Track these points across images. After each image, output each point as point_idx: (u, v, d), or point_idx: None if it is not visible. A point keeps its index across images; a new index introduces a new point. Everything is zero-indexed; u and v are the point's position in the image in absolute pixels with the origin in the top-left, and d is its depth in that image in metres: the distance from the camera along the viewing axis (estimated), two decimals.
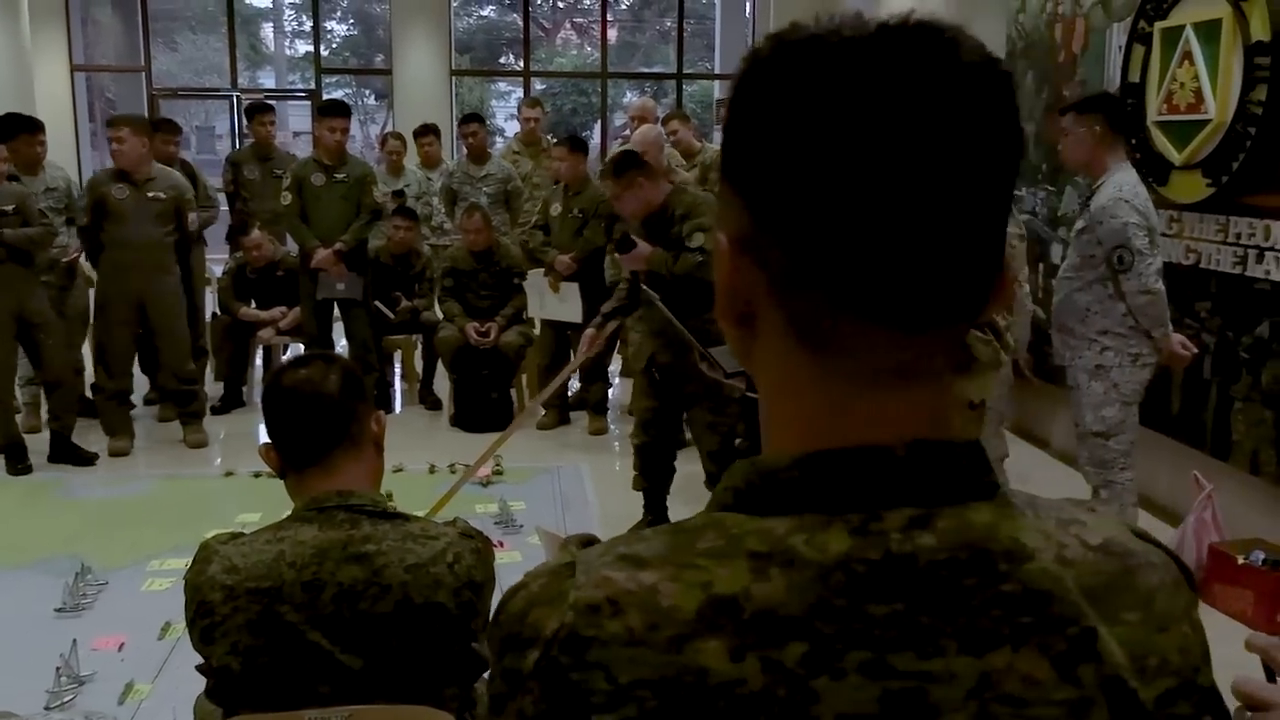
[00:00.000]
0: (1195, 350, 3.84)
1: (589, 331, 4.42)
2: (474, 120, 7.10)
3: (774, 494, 0.58)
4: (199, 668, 1.72)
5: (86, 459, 5.36)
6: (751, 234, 0.60)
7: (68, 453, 5.35)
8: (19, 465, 5.21)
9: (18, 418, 5.84)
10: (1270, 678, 0.93)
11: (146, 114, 11.30)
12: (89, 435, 5.52)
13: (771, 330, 0.61)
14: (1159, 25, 4.45)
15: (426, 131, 7.58)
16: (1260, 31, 3.89)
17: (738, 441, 4.37)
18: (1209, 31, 4.13)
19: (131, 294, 5.43)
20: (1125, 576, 0.59)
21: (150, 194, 5.46)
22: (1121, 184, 3.60)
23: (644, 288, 3.30)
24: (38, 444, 5.39)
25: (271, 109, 7.14)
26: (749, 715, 0.53)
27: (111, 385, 5.53)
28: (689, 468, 4.72)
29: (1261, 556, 3.65)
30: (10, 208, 5.08)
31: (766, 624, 0.54)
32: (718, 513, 0.59)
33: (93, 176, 5.57)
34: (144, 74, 12.20)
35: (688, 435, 4.60)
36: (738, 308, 0.62)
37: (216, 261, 7.34)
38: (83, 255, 5.74)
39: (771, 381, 0.63)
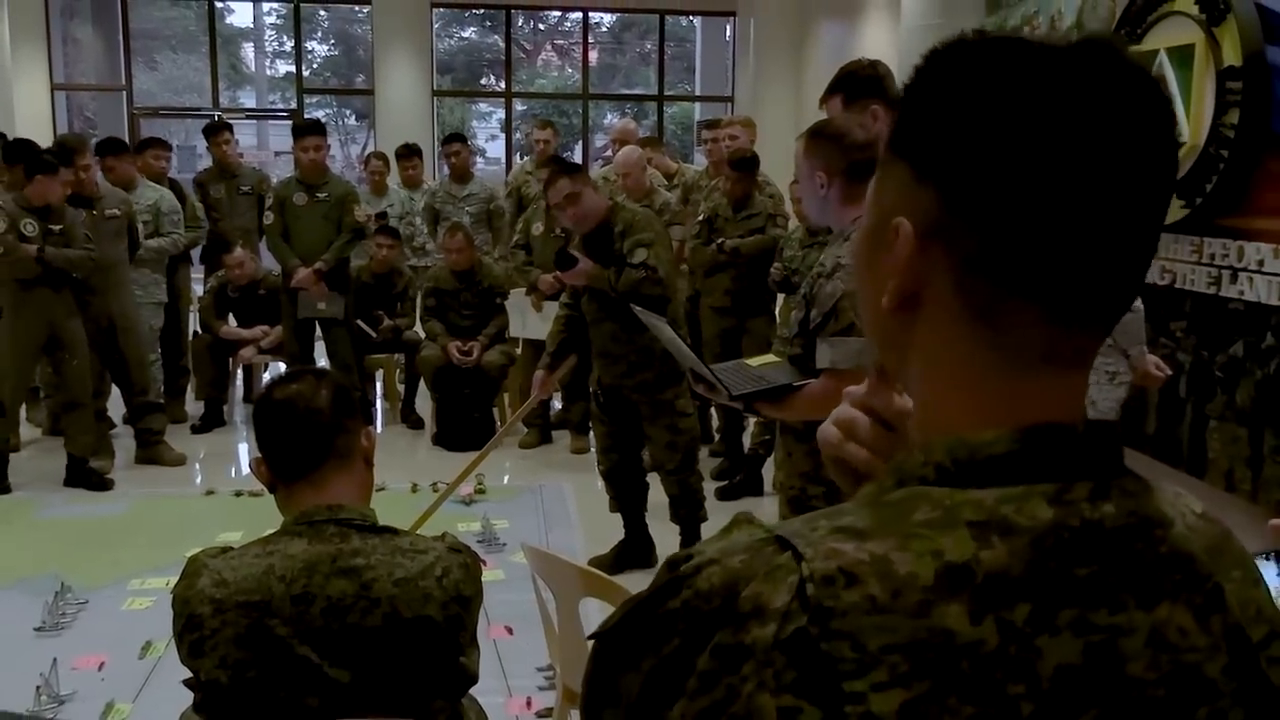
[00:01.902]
0: (1169, 372, 3.89)
1: (539, 374, 4.37)
2: (457, 140, 7.13)
3: (975, 468, 0.62)
4: (186, 682, 1.73)
5: (102, 484, 5.29)
6: (940, 219, 0.64)
7: (83, 477, 5.29)
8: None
9: None
10: None
11: (127, 133, 11.30)
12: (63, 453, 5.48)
13: (943, 314, 0.66)
14: (1133, 49, 4.53)
15: (410, 154, 7.60)
16: (1232, 57, 3.97)
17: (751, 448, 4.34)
18: (1182, 56, 4.21)
19: (100, 315, 5.42)
20: (1225, 539, 0.68)
21: (107, 212, 5.48)
22: None
23: (638, 309, 3.30)
24: (18, 462, 5.36)
25: (229, 128, 7.14)
26: (988, 672, 0.56)
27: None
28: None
29: None
30: (58, 228, 5.11)
31: (998, 587, 0.58)
32: (919, 487, 0.63)
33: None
34: (125, 93, 12.19)
35: None
36: (906, 291, 0.66)
37: (195, 281, 7.33)
38: None
39: (937, 364, 0.67)
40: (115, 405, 5.91)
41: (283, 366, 6.43)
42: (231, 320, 6.54)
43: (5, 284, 5.08)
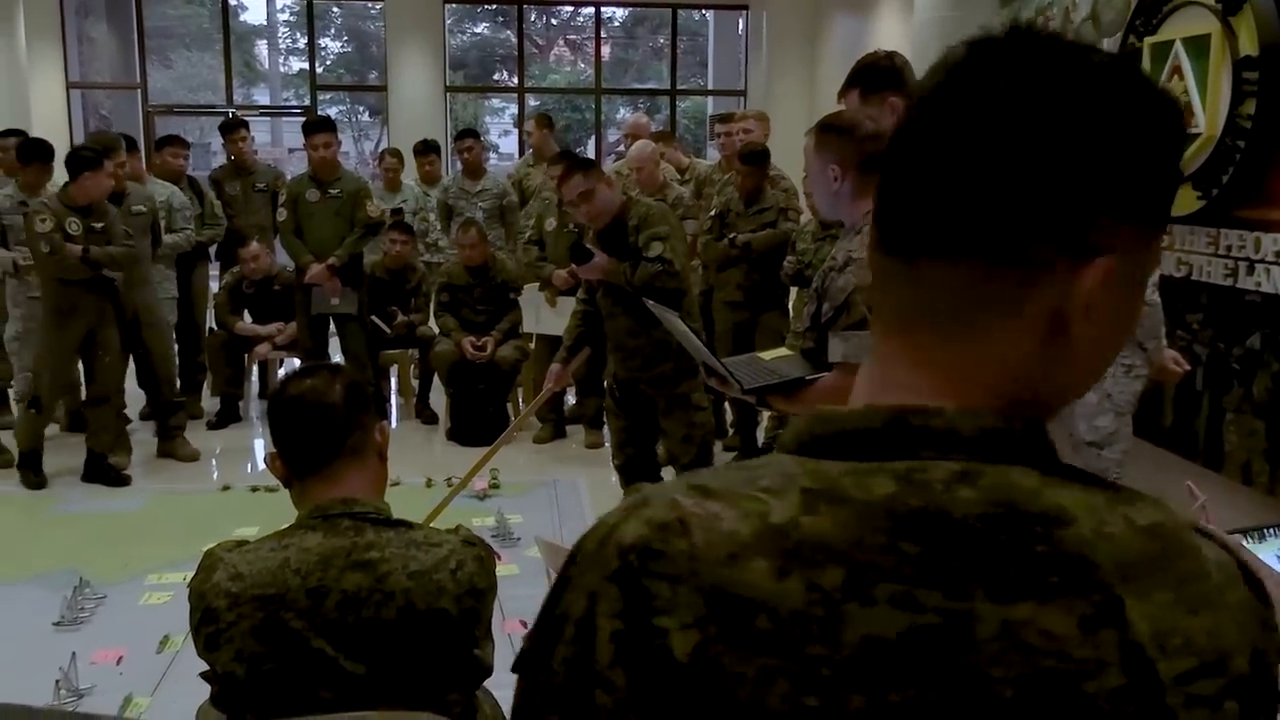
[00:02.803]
0: (1188, 366, 3.86)
1: (554, 367, 4.39)
2: (469, 136, 7.14)
3: (831, 442, 0.65)
4: (203, 675, 1.74)
5: (120, 480, 5.35)
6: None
7: (102, 473, 5.34)
8: (36, 478, 5.25)
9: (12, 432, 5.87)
10: None
11: (142, 131, 11.35)
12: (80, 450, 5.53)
13: None
14: (1149, 40, 4.51)
15: (428, 150, 7.62)
16: (1249, 46, 3.94)
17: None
18: (1198, 47, 4.18)
19: (126, 309, 5.46)
20: (1163, 559, 0.62)
21: (133, 209, 5.53)
22: None
23: (650, 302, 3.29)
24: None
25: (244, 125, 7.16)
26: (787, 630, 0.59)
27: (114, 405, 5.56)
28: None
29: None
30: (99, 226, 5.18)
31: (811, 551, 0.60)
32: (779, 454, 0.67)
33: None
34: (139, 91, 12.24)
35: None
36: None
37: (212, 278, 7.36)
38: None
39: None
40: (132, 401, 5.94)
41: (297, 363, 6.46)
42: (246, 317, 6.57)
43: (49, 283, 5.12)
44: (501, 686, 2.12)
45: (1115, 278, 0.65)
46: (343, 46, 21.26)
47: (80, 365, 5.41)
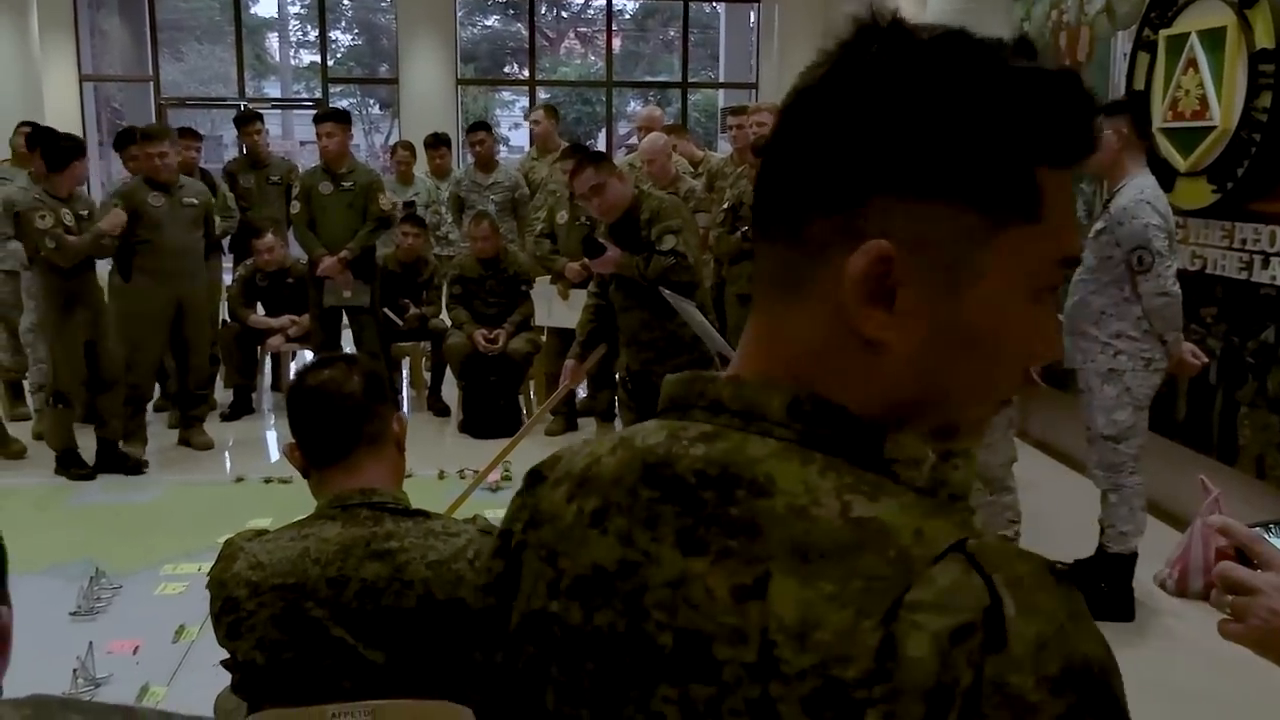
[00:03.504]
0: (1205, 360, 3.85)
1: (569, 363, 4.40)
2: (481, 129, 7.15)
3: (670, 401, 0.71)
4: (223, 663, 1.75)
5: (136, 468, 5.40)
6: None
7: (116, 461, 5.39)
8: (81, 470, 5.30)
9: (29, 424, 5.91)
10: (1248, 566, 1.00)
11: (155, 123, 11.37)
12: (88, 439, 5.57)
13: None
14: (1164, 33, 4.49)
15: (438, 143, 7.62)
16: (1265, 39, 3.92)
17: None
18: (1213, 39, 4.17)
19: (169, 300, 5.53)
20: (850, 553, 0.58)
21: (184, 200, 5.56)
22: (1143, 187, 3.58)
23: (667, 292, 3.30)
24: (44, 450, 5.43)
25: (259, 118, 7.17)
26: (556, 540, 0.71)
27: (133, 392, 5.60)
28: None
29: None
30: (85, 214, 5.26)
31: (590, 484, 0.71)
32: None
33: (123, 186, 5.66)
34: (151, 84, 12.26)
35: None
36: None
37: (226, 271, 7.39)
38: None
39: None
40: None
41: (309, 355, 6.48)
42: (260, 309, 6.59)
43: (48, 276, 5.15)
44: None
45: (913, 268, 0.62)
46: (353, 39, 21.29)
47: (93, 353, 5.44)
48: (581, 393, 6.37)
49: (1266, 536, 1.70)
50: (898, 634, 0.55)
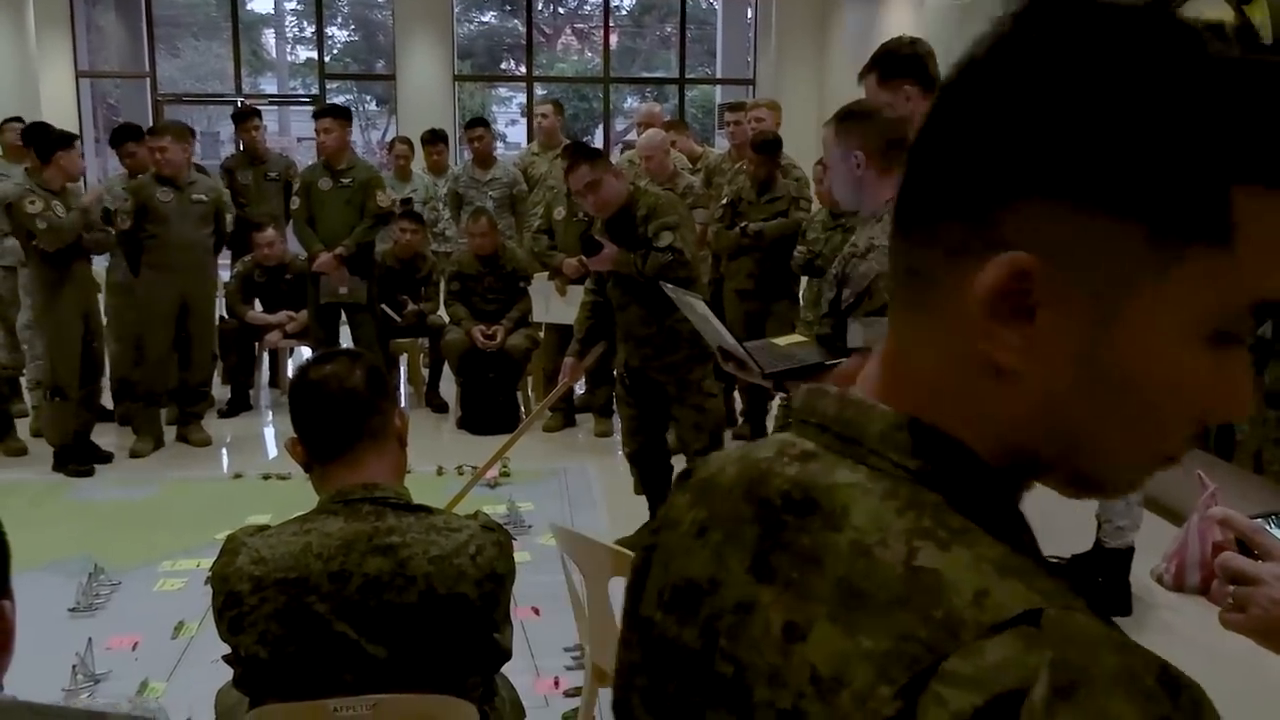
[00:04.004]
0: None
1: (568, 360, 4.41)
2: (480, 125, 7.14)
3: (794, 416, 0.67)
4: (225, 658, 1.75)
5: (104, 458, 5.45)
6: None
7: (87, 451, 5.43)
8: (80, 467, 5.31)
9: (27, 420, 5.91)
10: (1250, 557, 1.01)
11: (151, 120, 11.36)
12: (104, 438, 5.58)
13: None
14: None
15: (435, 139, 7.62)
16: (1264, 35, 3.93)
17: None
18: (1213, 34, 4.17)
19: (175, 295, 5.57)
20: (895, 606, 0.51)
21: (194, 197, 5.59)
22: None
23: (669, 287, 3.29)
24: (43, 446, 5.44)
25: (258, 114, 7.16)
26: (674, 547, 0.67)
27: (145, 386, 5.65)
28: None
29: None
30: (79, 209, 5.27)
31: (707, 493, 0.67)
32: None
33: (132, 181, 5.69)
34: (148, 80, 12.25)
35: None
36: None
37: (221, 267, 7.38)
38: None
39: None
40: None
41: (307, 352, 6.48)
42: (257, 305, 6.59)
43: (39, 266, 5.17)
44: (514, 673, 2.14)
45: (1058, 288, 0.52)
46: (350, 35, 21.26)
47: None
48: (580, 389, 6.37)
49: (1267, 527, 1.71)
50: (919, 708, 0.47)
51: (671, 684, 0.63)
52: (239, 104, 11.03)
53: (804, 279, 5.43)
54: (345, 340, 6.41)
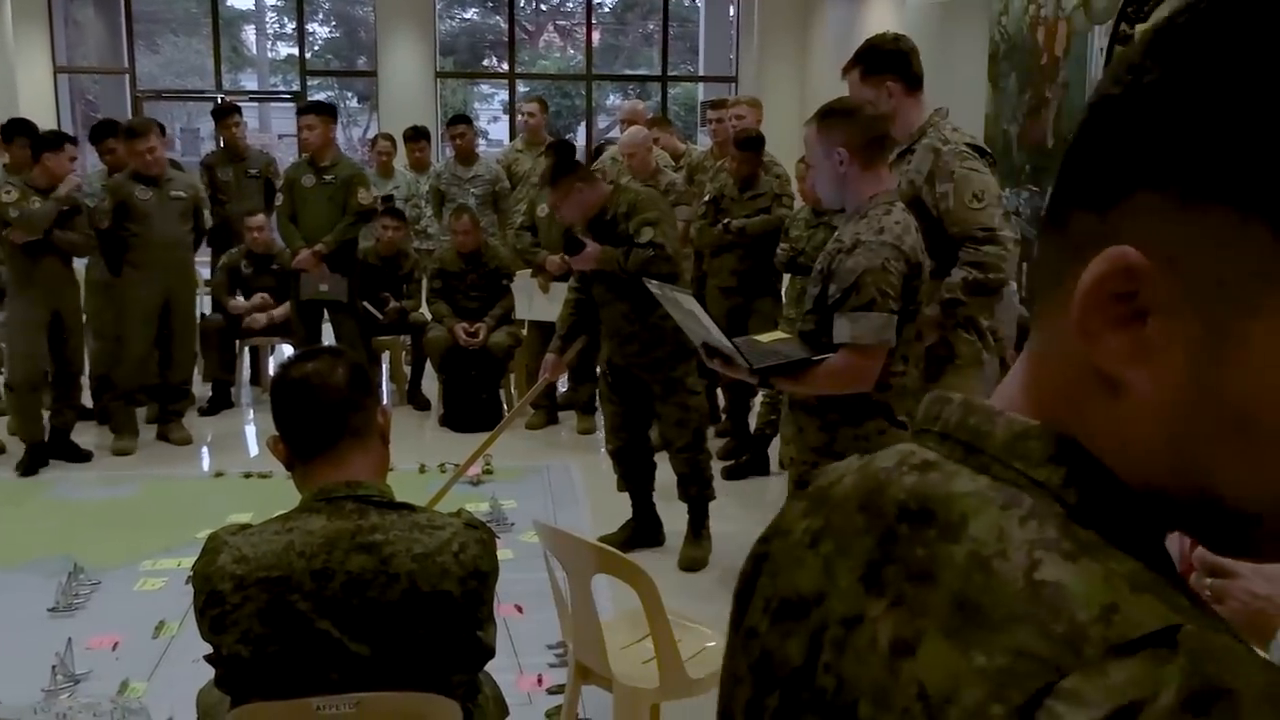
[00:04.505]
0: None
1: (549, 357, 4.41)
2: (462, 122, 7.13)
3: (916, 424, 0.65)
4: (207, 657, 1.75)
5: (84, 456, 5.42)
6: None
7: (65, 450, 5.40)
8: (38, 466, 5.28)
9: (5, 420, 5.86)
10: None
11: (130, 116, 11.29)
12: (84, 435, 5.54)
13: None
14: (1140, 28, 4.52)
15: (418, 136, 7.59)
16: None
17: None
18: None
19: (158, 293, 5.54)
20: (1013, 620, 0.47)
21: (172, 194, 5.55)
22: None
23: (654, 284, 3.29)
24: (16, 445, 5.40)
25: (238, 110, 7.11)
26: (784, 557, 0.65)
27: (126, 385, 5.61)
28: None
29: None
30: (66, 209, 5.24)
31: (821, 501, 0.64)
32: None
33: (110, 180, 5.65)
34: (127, 76, 12.17)
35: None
36: None
37: (202, 265, 7.34)
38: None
39: None
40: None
41: (290, 350, 6.45)
42: (240, 299, 6.56)
43: (13, 256, 5.14)
44: (498, 671, 2.14)
45: (1171, 294, 0.47)
46: (331, 32, 21.19)
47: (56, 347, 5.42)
48: (563, 386, 6.37)
49: None
50: None
51: (773, 697, 0.61)
52: (219, 100, 10.97)
53: (787, 276, 5.44)
54: (328, 338, 6.39)
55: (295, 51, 13.37)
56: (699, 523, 4.28)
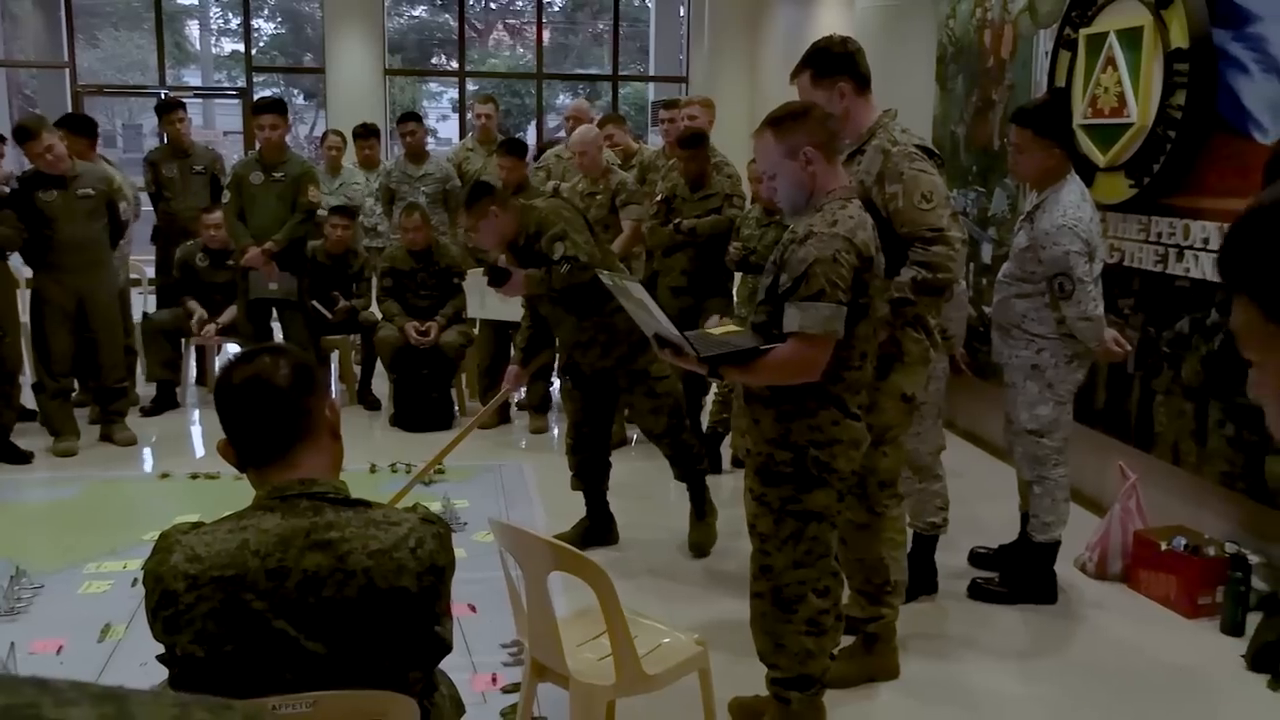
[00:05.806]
0: (1130, 348, 3.95)
1: (512, 369, 4.47)
2: (412, 119, 7.08)
3: None
4: (160, 658, 1.72)
5: (24, 458, 5.31)
6: None
7: (8, 451, 5.30)
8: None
9: None
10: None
11: (70, 110, 11.06)
12: (25, 438, 5.42)
13: None
14: (1084, 32, 4.61)
15: (367, 133, 7.53)
16: (1179, 39, 4.05)
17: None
18: (1131, 38, 4.29)
19: (70, 294, 5.40)
20: None
21: (79, 192, 5.40)
22: (1066, 207, 3.57)
23: (605, 275, 3.30)
24: None
25: (182, 106, 6.99)
26: None
27: (54, 385, 5.48)
28: (627, 464, 4.75)
29: (1183, 543, 3.80)
30: None
31: None
32: None
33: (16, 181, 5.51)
34: (67, 70, 11.92)
35: (636, 434, 4.62)
36: None
37: (146, 262, 7.21)
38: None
39: None
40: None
41: (237, 349, 6.37)
42: (194, 303, 6.45)
43: None
44: (451, 670, 2.13)
45: None
46: (276, 28, 20.91)
47: None
48: (520, 394, 6.35)
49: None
50: None
51: None
52: (162, 96, 10.78)
53: (738, 275, 5.47)
54: (277, 337, 6.31)
55: (240, 47, 13.16)
56: (700, 504, 4.31)
